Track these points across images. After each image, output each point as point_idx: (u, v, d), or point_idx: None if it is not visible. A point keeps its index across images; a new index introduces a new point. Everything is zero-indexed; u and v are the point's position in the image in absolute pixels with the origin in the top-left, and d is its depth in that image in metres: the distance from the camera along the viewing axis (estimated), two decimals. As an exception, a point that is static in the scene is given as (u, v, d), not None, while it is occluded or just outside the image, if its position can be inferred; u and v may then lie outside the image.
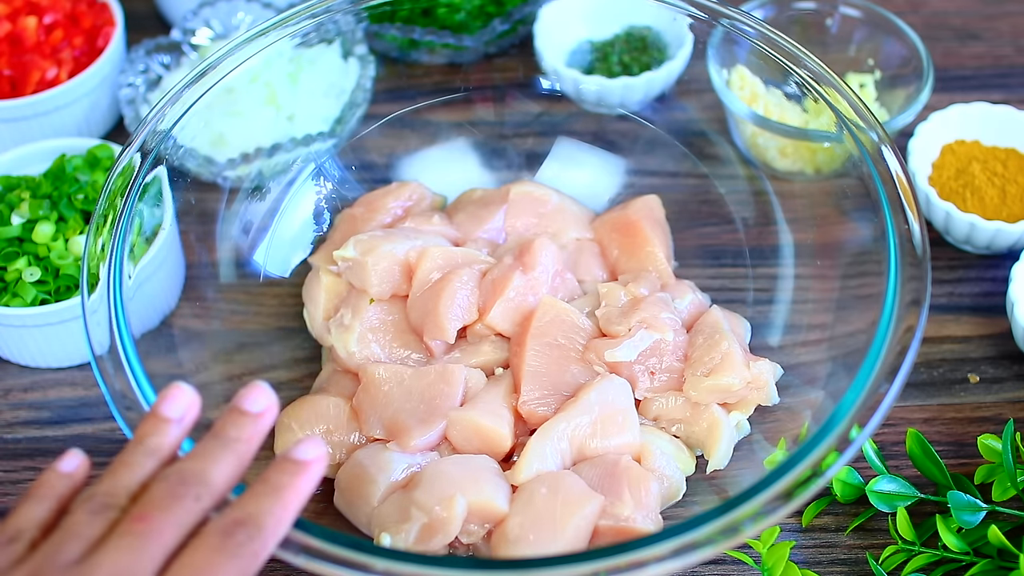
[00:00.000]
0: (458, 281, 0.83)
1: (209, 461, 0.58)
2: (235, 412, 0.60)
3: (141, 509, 0.55)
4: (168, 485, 0.56)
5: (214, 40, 1.06)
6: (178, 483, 0.56)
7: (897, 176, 0.76)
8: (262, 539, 0.56)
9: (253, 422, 0.60)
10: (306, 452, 0.59)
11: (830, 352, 0.79)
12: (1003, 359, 0.90)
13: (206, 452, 0.58)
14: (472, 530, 0.74)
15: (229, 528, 0.55)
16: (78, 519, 0.56)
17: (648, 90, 0.98)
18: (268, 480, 0.58)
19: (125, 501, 0.56)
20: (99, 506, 0.56)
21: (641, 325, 0.81)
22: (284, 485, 0.58)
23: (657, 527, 0.75)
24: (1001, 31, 1.12)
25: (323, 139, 0.94)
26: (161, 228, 0.85)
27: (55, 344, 0.88)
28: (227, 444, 0.59)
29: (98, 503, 0.56)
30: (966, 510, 0.76)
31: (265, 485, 0.58)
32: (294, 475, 0.58)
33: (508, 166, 0.97)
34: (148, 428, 0.60)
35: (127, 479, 0.57)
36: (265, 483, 0.58)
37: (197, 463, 0.58)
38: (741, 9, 0.88)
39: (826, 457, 0.65)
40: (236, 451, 0.59)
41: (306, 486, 0.58)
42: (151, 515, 0.55)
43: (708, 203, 0.93)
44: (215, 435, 0.59)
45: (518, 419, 0.79)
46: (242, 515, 0.56)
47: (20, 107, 0.97)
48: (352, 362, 0.83)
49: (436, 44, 1.03)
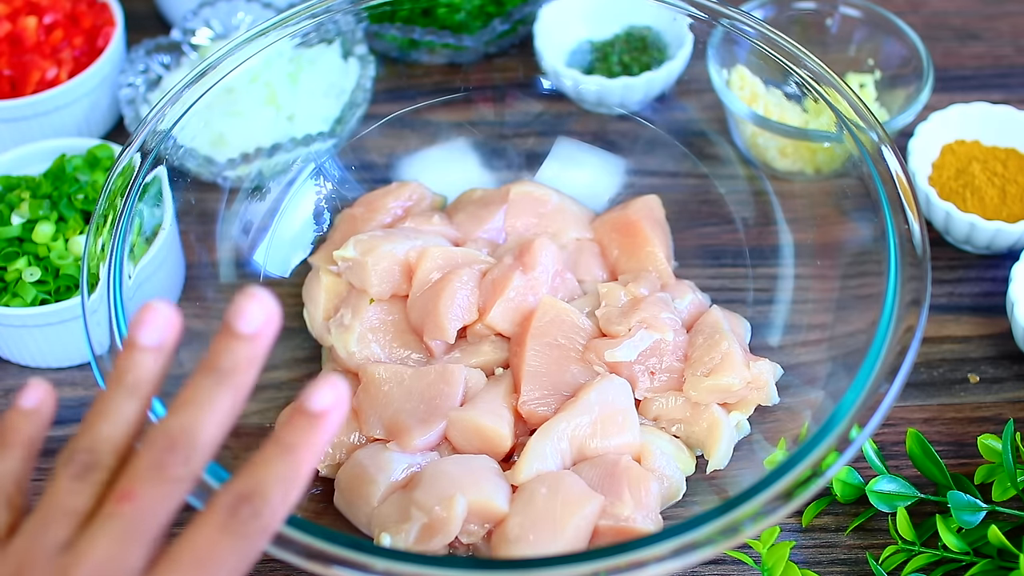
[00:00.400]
0: (458, 281, 0.83)
1: (199, 408, 0.51)
2: (227, 335, 0.53)
3: (126, 484, 0.50)
4: (154, 452, 0.51)
5: (214, 40, 1.06)
6: (165, 448, 0.51)
7: (897, 176, 0.76)
8: (271, 512, 0.51)
9: (248, 345, 0.53)
10: (321, 400, 0.52)
11: (830, 352, 0.79)
12: (1003, 359, 0.90)
13: (195, 396, 0.52)
14: (472, 530, 0.74)
15: (232, 504, 0.50)
16: (61, 487, 0.51)
17: (648, 90, 0.98)
18: (279, 439, 0.52)
19: (109, 459, 0.51)
20: (81, 467, 0.51)
21: (641, 325, 0.81)
22: (296, 444, 0.51)
23: (657, 527, 0.75)
24: (1001, 31, 1.12)
25: (323, 139, 0.94)
26: (161, 228, 0.85)
27: (55, 344, 0.88)
28: (219, 379, 0.52)
29: (80, 463, 0.51)
30: (966, 510, 0.76)
31: (276, 446, 0.51)
32: (307, 430, 0.52)
33: (508, 166, 0.97)
34: (124, 363, 0.53)
35: (108, 430, 0.52)
36: (276, 443, 0.52)
37: (186, 415, 0.51)
38: (741, 9, 0.88)
39: (826, 457, 0.65)
40: (230, 385, 0.52)
41: (322, 441, 0.52)
42: (137, 492, 0.50)
43: (708, 203, 0.93)
44: (206, 368, 0.52)
45: (518, 419, 0.79)
46: (246, 487, 0.51)
47: (20, 107, 0.97)
48: (352, 362, 0.83)
49: (436, 44, 1.03)
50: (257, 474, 0.51)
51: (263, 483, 0.51)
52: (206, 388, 0.52)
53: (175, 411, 0.52)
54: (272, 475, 0.51)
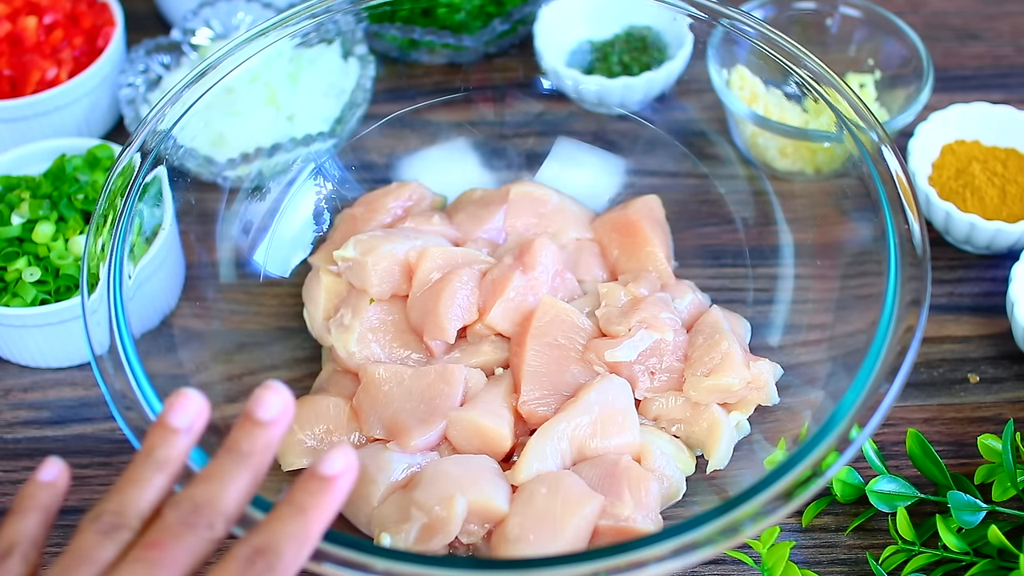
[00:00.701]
0: (458, 281, 0.83)
1: (222, 483, 0.55)
2: (248, 422, 0.57)
3: (154, 536, 0.54)
4: (180, 513, 0.54)
5: (214, 40, 1.06)
6: (190, 511, 0.54)
7: (897, 176, 0.76)
8: (282, 566, 0.54)
9: (266, 431, 0.57)
10: (333, 466, 0.56)
11: (830, 352, 0.79)
12: (1003, 359, 0.90)
13: (219, 472, 0.56)
14: (472, 530, 0.74)
15: (249, 556, 0.54)
16: (87, 540, 0.54)
17: (648, 90, 0.98)
18: (292, 501, 0.56)
19: (136, 522, 0.55)
20: (108, 526, 0.54)
21: (641, 325, 0.81)
22: (308, 506, 0.55)
23: (657, 527, 0.75)
24: (1001, 31, 1.12)
25: (323, 139, 0.94)
26: (161, 228, 0.85)
27: (55, 344, 0.88)
28: (240, 460, 0.56)
29: (107, 523, 0.54)
30: (966, 510, 0.76)
31: (289, 507, 0.55)
32: (318, 494, 0.56)
33: (508, 166, 0.97)
34: (155, 439, 0.57)
35: (136, 497, 0.55)
36: (289, 504, 0.56)
37: (210, 487, 0.55)
38: (741, 9, 0.88)
39: (826, 457, 0.65)
40: (250, 465, 0.56)
41: (333, 504, 0.56)
42: (164, 542, 0.53)
43: (708, 203, 0.93)
44: (228, 449, 0.57)
45: (518, 419, 0.79)
46: (262, 542, 0.54)
47: (20, 107, 0.97)
48: (352, 362, 0.83)
49: (436, 44, 1.03)
50: (272, 531, 0.55)
51: (277, 540, 0.55)
52: (228, 466, 0.56)
53: (199, 482, 0.56)
54: (286, 533, 0.55)
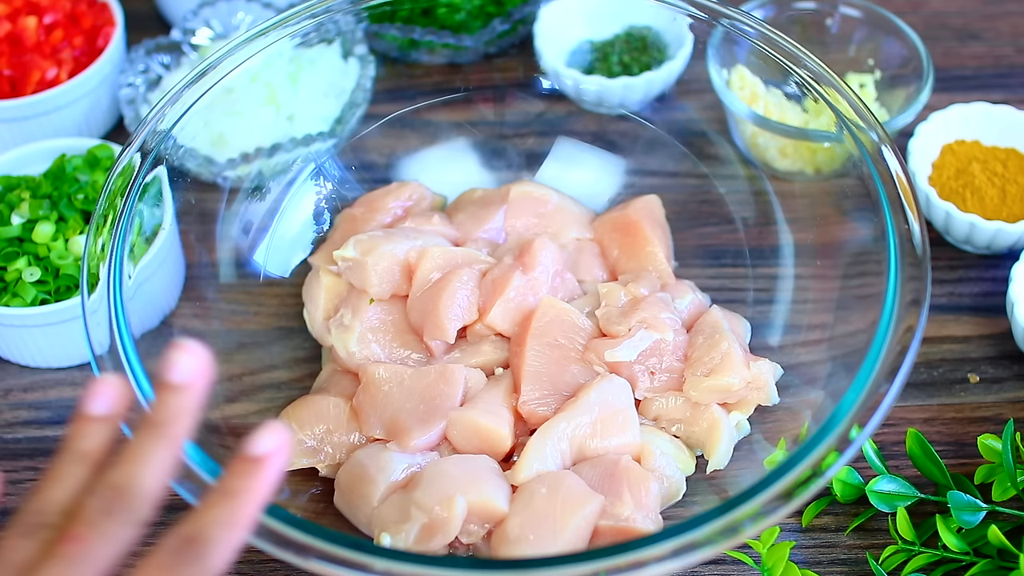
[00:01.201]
0: (458, 281, 0.83)
1: (138, 462, 0.53)
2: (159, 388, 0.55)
3: (73, 530, 0.52)
4: (98, 501, 0.53)
5: (214, 40, 1.06)
6: (109, 497, 0.53)
7: (897, 176, 0.76)
8: (215, 554, 0.52)
9: (179, 396, 0.55)
10: (263, 444, 0.54)
11: (830, 352, 0.79)
12: (1003, 359, 0.89)
13: (134, 451, 0.54)
14: (472, 530, 0.74)
15: (178, 545, 0.52)
16: (7, 545, 0.52)
17: (648, 90, 0.98)
18: (222, 485, 0.54)
19: (56, 518, 0.53)
20: (28, 527, 0.53)
21: (641, 325, 0.81)
22: (237, 490, 0.53)
23: (657, 527, 0.75)
24: (1001, 31, 1.12)
25: (323, 139, 0.94)
26: (161, 228, 0.85)
27: (55, 344, 0.88)
28: (154, 433, 0.54)
29: (28, 524, 0.53)
30: (966, 510, 0.76)
31: (218, 492, 0.54)
32: (248, 476, 0.54)
33: (508, 166, 0.97)
34: (74, 430, 0.55)
35: (56, 493, 0.54)
36: (219, 489, 0.54)
37: (126, 468, 0.53)
38: (741, 9, 0.88)
39: (826, 457, 0.65)
40: (165, 436, 0.54)
41: (264, 485, 0.54)
42: (83, 535, 0.52)
43: (708, 203, 0.93)
44: (141, 424, 0.55)
45: (518, 419, 0.79)
46: (192, 530, 0.53)
47: (20, 107, 0.97)
48: (352, 362, 0.83)
49: (436, 44, 1.03)
50: (201, 518, 0.53)
51: (207, 526, 0.53)
52: (143, 442, 0.54)
53: (115, 466, 0.54)
54: (215, 519, 0.53)
